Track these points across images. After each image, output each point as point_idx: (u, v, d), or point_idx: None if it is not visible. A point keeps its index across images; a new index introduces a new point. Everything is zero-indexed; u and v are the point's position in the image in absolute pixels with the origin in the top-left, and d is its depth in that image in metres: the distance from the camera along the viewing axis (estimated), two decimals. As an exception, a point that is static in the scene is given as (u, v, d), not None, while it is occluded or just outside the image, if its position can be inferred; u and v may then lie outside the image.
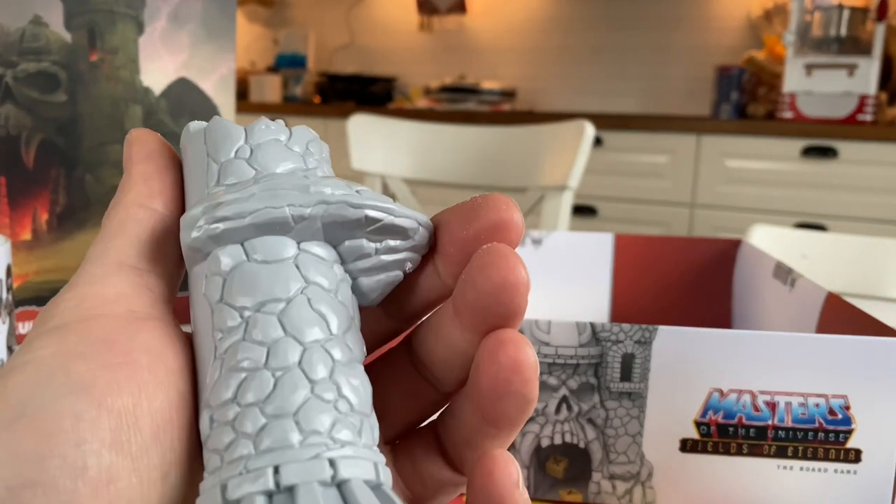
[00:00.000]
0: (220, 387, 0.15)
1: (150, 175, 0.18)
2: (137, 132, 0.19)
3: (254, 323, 0.15)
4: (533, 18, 2.51)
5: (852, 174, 1.79)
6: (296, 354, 0.15)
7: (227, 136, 0.18)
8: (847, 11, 1.86)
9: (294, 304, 0.16)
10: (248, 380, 0.15)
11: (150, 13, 0.50)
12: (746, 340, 0.30)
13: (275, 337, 0.15)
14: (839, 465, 0.31)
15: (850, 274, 0.79)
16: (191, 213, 0.17)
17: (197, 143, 0.18)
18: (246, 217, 0.16)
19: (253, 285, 0.16)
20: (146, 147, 0.19)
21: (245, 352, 0.15)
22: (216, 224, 0.16)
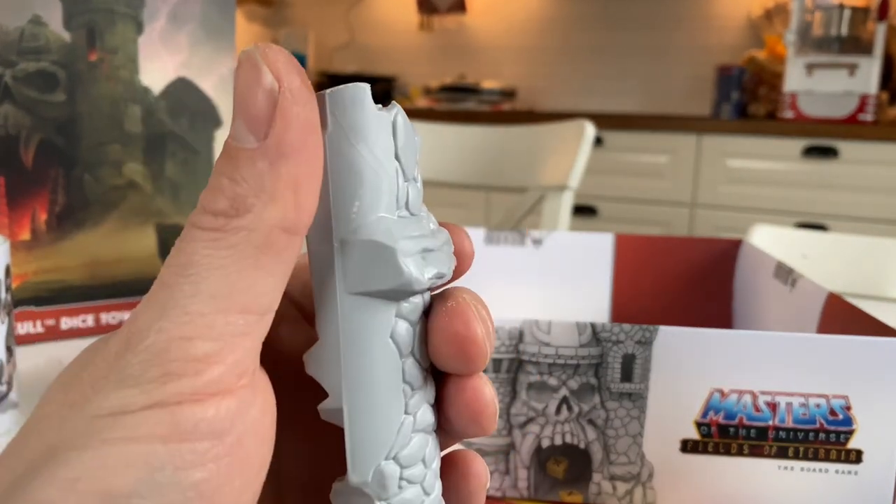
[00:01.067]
0: (414, 448, 0.16)
1: (302, 179, 0.14)
2: (286, 70, 0.14)
3: (429, 385, 0.16)
4: (533, 18, 2.51)
5: (853, 174, 1.79)
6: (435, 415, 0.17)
7: (415, 148, 0.16)
8: (848, 11, 1.86)
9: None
10: (430, 443, 0.16)
11: (149, 13, 0.50)
12: (747, 341, 0.30)
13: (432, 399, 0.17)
14: (840, 465, 0.30)
15: (850, 274, 0.79)
16: (414, 254, 0.15)
17: (381, 134, 0.15)
18: (445, 277, 0.16)
19: (425, 347, 0.16)
20: (301, 120, 0.14)
21: (429, 415, 0.16)
22: (437, 279, 0.16)
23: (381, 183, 0.15)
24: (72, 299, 0.50)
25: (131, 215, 0.51)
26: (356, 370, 0.15)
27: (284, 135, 0.14)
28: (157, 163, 0.52)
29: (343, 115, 0.15)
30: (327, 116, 0.15)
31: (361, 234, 0.15)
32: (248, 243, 0.14)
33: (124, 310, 0.52)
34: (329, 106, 0.15)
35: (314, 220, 0.15)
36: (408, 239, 0.15)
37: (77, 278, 0.50)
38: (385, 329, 0.15)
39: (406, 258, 0.15)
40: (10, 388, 0.37)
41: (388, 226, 0.15)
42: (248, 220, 0.14)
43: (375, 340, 0.15)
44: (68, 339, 0.50)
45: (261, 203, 0.14)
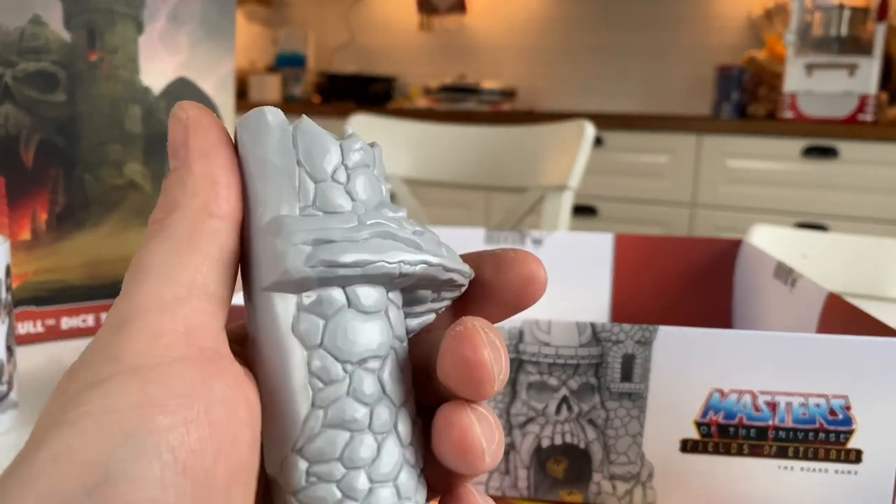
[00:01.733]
0: (323, 442, 0.15)
1: (217, 175, 0.16)
2: (192, 109, 0.17)
3: (359, 380, 0.16)
4: (533, 18, 2.51)
5: (853, 174, 1.79)
6: (392, 417, 0.16)
7: (325, 151, 0.17)
8: (848, 11, 1.86)
9: (388, 362, 0.16)
10: (354, 441, 0.16)
11: (149, 13, 0.50)
12: (747, 341, 0.30)
13: (376, 398, 0.16)
14: (840, 465, 0.30)
15: (850, 274, 0.79)
16: (298, 244, 0.15)
17: (282, 143, 0.16)
18: (361, 267, 0.16)
19: (355, 338, 0.16)
20: (208, 136, 0.17)
21: (352, 411, 0.16)
22: (331, 268, 0.15)
23: (281, 186, 0.16)
24: (72, 299, 0.50)
25: (131, 215, 0.51)
26: (262, 363, 0.16)
27: (194, 145, 0.16)
28: (158, 163, 0.52)
29: (245, 132, 0.17)
30: (237, 136, 0.17)
31: (259, 225, 0.16)
32: (180, 228, 0.16)
33: (124, 310, 0.52)
34: (238, 128, 0.17)
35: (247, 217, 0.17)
36: (295, 232, 0.16)
37: (77, 278, 0.50)
38: (285, 321, 0.16)
39: (286, 249, 0.15)
40: (11, 388, 0.37)
41: (279, 223, 0.16)
42: (178, 213, 0.16)
43: (277, 333, 0.16)
44: (69, 338, 0.50)
45: (186, 197, 0.16)
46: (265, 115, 0.17)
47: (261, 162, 0.16)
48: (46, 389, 0.42)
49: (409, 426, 0.17)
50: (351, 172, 0.17)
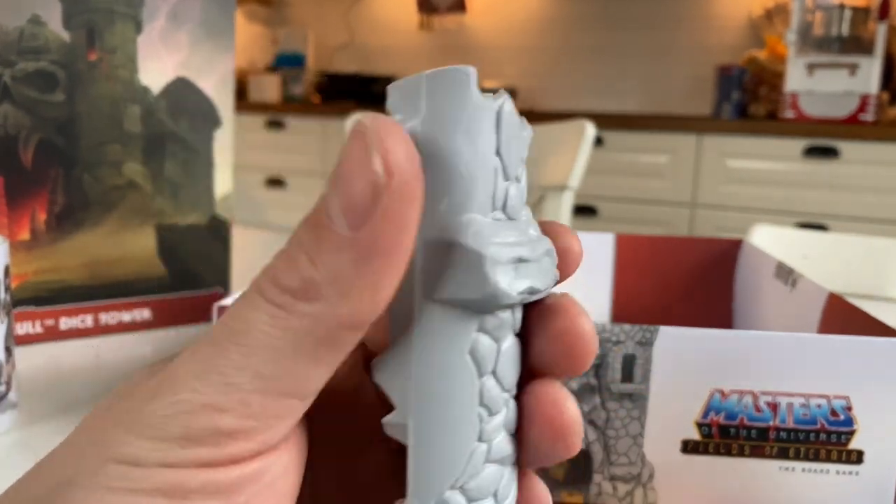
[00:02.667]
0: (484, 479, 0.14)
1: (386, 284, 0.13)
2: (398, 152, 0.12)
3: (511, 411, 0.15)
4: (533, 18, 2.51)
5: (854, 174, 1.79)
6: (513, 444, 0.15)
7: (521, 143, 0.14)
8: (848, 11, 1.86)
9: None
10: (504, 476, 0.15)
11: (148, 12, 0.50)
12: (748, 341, 0.30)
13: (513, 426, 0.15)
14: (841, 466, 0.30)
15: (851, 274, 0.78)
16: (505, 264, 0.13)
17: (487, 125, 0.13)
18: (542, 293, 0.14)
19: (515, 365, 0.15)
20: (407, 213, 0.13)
21: (507, 445, 0.15)
22: (529, 294, 0.14)
23: (475, 180, 0.13)
24: (71, 299, 0.50)
25: (131, 215, 0.51)
26: (428, 385, 0.14)
27: (381, 235, 0.13)
28: (157, 163, 0.52)
29: (441, 102, 0.13)
30: (422, 101, 0.13)
31: (447, 235, 0.13)
32: (310, 333, 0.13)
33: (123, 310, 0.52)
34: (426, 90, 0.13)
35: None
36: (500, 245, 0.13)
37: (76, 278, 0.50)
38: (464, 343, 0.14)
39: (495, 267, 0.13)
40: (10, 389, 0.37)
41: (479, 228, 0.13)
42: (317, 308, 0.13)
43: (452, 355, 0.14)
44: (68, 339, 0.50)
45: (334, 295, 0.13)
46: (466, 81, 0.13)
47: (452, 145, 0.13)
48: (45, 390, 0.42)
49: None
50: (523, 170, 0.15)
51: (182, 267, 0.53)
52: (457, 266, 0.13)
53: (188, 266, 0.54)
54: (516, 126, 0.14)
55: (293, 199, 2.47)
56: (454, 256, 0.13)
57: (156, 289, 0.53)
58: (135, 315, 0.52)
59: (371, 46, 2.76)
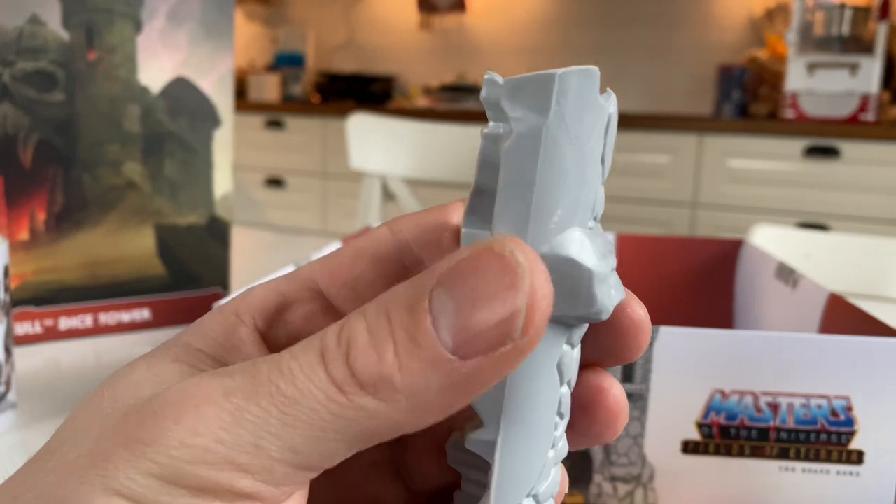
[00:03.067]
0: (550, 483, 0.15)
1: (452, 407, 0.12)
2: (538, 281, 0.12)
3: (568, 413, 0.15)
4: (533, 17, 2.51)
5: (854, 174, 1.78)
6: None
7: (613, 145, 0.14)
8: (849, 10, 1.86)
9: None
10: (556, 475, 0.15)
11: (148, 12, 0.50)
12: (748, 341, 0.30)
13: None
14: (841, 466, 0.30)
15: (852, 274, 0.78)
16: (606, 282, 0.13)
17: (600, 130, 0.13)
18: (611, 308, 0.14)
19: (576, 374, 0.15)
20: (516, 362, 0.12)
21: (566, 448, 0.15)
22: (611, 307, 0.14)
23: (583, 189, 0.13)
24: (70, 299, 0.50)
25: (130, 215, 0.51)
26: (519, 400, 0.14)
27: (483, 374, 0.12)
28: (156, 162, 0.52)
29: (567, 104, 0.12)
30: (551, 101, 0.12)
31: (558, 249, 0.13)
32: (359, 426, 0.12)
33: (123, 310, 0.52)
34: (557, 91, 0.12)
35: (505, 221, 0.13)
36: (600, 260, 0.13)
37: (76, 278, 0.50)
38: (554, 356, 0.14)
39: (600, 285, 0.13)
40: (9, 389, 0.37)
41: (584, 242, 0.13)
42: (375, 408, 0.12)
43: (544, 368, 0.13)
44: (67, 339, 0.50)
45: (404, 406, 0.12)
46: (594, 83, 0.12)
47: (572, 151, 0.13)
48: (45, 390, 0.41)
49: None
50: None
51: (181, 267, 0.53)
52: (564, 282, 0.13)
53: (187, 266, 0.54)
54: (615, 127, 0.13)
55: (293, 198, 2.47)
56: (562, 271, 0.13)
57: (155, 289, 0.52)
58: (134, 315, 0.52)
59: (371, 46, 2.75)
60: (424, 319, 0.12)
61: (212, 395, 0.12)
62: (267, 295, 0.17)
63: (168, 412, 0.12)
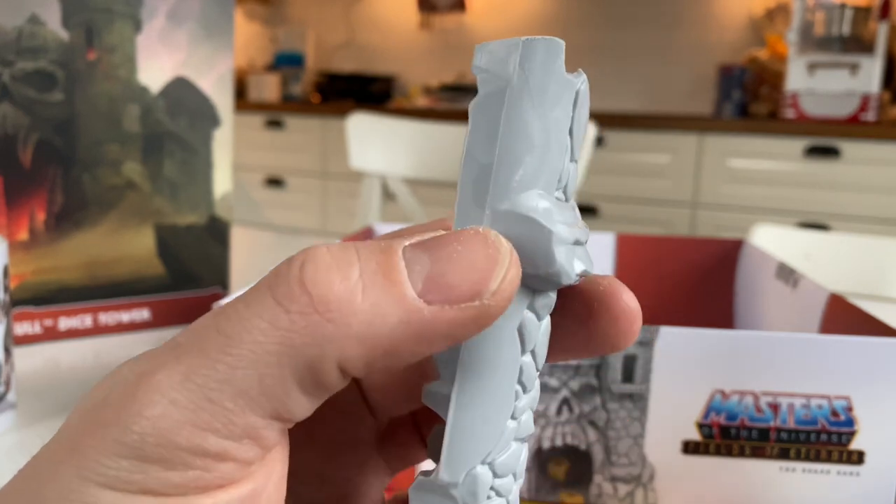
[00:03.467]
0: (511, 456, 0.15)
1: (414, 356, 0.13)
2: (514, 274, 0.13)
3: (537, 390, 0.15)
4: (533, 17, 2.51)
5: (855, 174, 1.78)
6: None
7: (587, 121, 0.14)
8: (850, 10, 1.86)
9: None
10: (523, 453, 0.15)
11: (147, 12, 0.50)
12: (749, 341, 0.30)
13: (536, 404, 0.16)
14: (842, 466, 0.30)
15: (853, 274, 0.78)
16: (570, 245, 0.13)
17: (568, 102, 0.13)
18: (579, 280, 0.14)
19: (544, 350, 0.15)
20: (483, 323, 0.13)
21: (531, 423, 0.15)
22: (577, 276, 0.14)
23: (549, 155, 0.13)
24: (70, 299, 0.50)
25: (129, 215, 0.51)
26: (475, 356, 0.14)
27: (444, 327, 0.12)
28: (156, 162, 0.51)
29: (532, 70, 0.13)
30: (514, 68, 0.13)
31: (518, 207, 0.13)
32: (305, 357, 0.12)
33: (122, 310, 0.52)
34: (521, 56, 0.13)
35: (468, 178, 0.13)
36: (564, 225, 0.13)
37: (75, 278, 0.50)
38: (515, 318, 0.14)
39: (560, 246, 0.13)
40: (9, 389, 0.36)
41: (547, 205, 0.13)
42: (328, 331, 0.12)
43: (503, 330, 0.14)
44: (66, 339, 0.50)
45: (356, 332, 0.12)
46: (558, 53, 0.13)
47: (535, 116, 0.13)
48: (44, 390, 0.41)
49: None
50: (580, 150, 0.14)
51: (181, 267, 0.53)
52: (524, 240, 0.13)
53: (187, 266, 0.53)
54: (587, 107, 0.14)
55: (292, 198, 2.47)
56: (522, 230, 0.13)
57: (155, 289, 0.52)
58: (134, 315, 0.52)
59: (371, 46, 2.75)
60: (397, 258, 0.12)
61: (165, 362, 0.12)
62: None
63: (127, 389, 0.12)
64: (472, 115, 0.14)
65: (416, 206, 1.22)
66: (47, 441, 0.13)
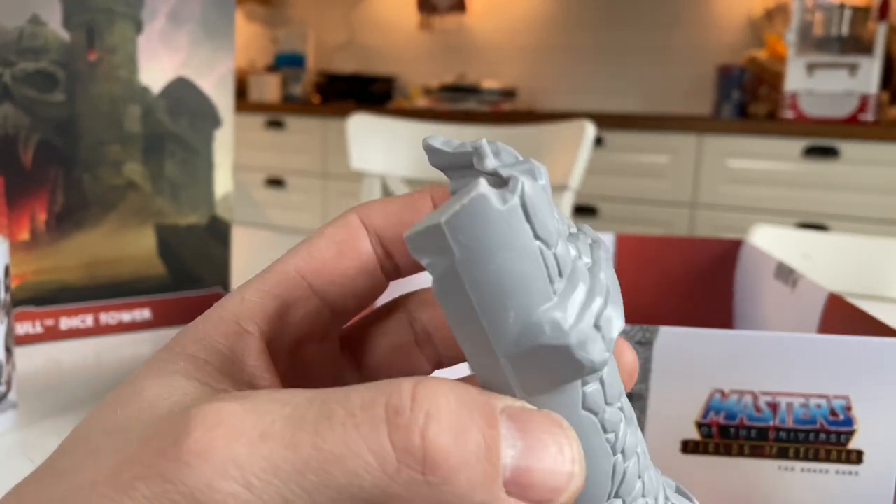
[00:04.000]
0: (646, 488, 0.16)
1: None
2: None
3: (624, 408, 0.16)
4: (533, 17, 2.51)
5: (854, 174, 1.79)
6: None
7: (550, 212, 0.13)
8: (848, 11, 1.86)
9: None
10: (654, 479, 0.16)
11: (148, 12, 0.50)
12: (748, 341, 0.30)
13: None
14: (840, 466, 0.30)
15: (851, 274, 0.78)
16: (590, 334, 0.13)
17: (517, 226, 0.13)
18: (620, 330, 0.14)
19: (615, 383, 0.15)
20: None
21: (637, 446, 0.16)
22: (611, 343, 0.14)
23: (529, 280, 0.13)
24: (71, 299, 0.50)
25: (130, 215, 0.51)
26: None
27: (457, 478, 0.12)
28: (157, 163, 0.52)
29: (467, 238, 0.13)
30: (450, 244, 0.13)
31: (526, 342, 0.13)
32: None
33: (123, 310, 0.52)
34: (449, 236, 0.13)
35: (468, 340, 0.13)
36: (577, 315, 0.13)
37: (76, 278, 0.50)
38: (575, 405, 0.14)
39: (583, 346, 0.13)
40: (10, 389, 0.37)
41: (552, 318, 0.13)
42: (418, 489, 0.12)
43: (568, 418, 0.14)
44: (67, 339, 0.50)
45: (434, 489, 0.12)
46: (483, 207, 0.12)
47: (493, 269, 0.13)
48: (45, 390, 0.41)
49: None
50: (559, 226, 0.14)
51: (182, 267, 0.53)
52: (548, 364, 0.13)
53: (188, 266, 0.54)
54: (541, 200, 0.13)
55: (293, 198, 2.47)
56: (543, 358, 0.13)
57: (155, 289, 0.53)
58: (135, 315, 0.52)
59: (371, 46, 2.75)
60: (499, 436, 0.12)
61: (245, 432, 0.11)
62: (265, 300, 0.16)
63: (192, 444, 0.11)
64: (441, 301, 0.13)
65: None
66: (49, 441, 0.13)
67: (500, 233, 0.12)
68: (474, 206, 0.12)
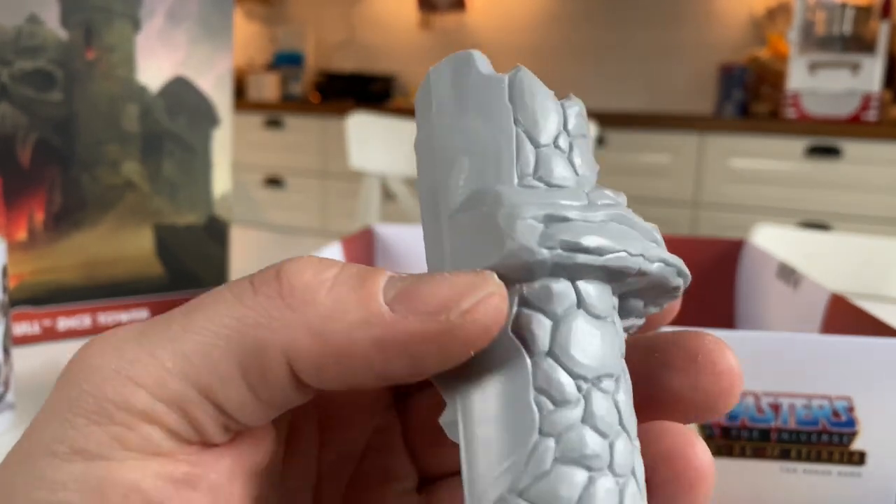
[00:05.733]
0: (555, 483, 0.12)
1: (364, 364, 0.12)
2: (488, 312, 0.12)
3: (596, 404, 0.12)
4: (533, 16, 2.50)
5: (856, 173, 1.78)
6: (631, 458, 0.13)
7: (548, 112, 0.13)
8: (851, 9, 1.85)
9: (621, 384, 0.13)
10: (594, 485, 0.12)
11: (146, 11, 0.50)
12: (750, 341, 0.30)
13: (615, 430, 0.13)
14: (843, 467, 0.30)
15: (854, 274, 0.78)
16: (528, 219, 0.12)
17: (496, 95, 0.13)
18: (602, 256, 0.12)
19: (590, 348, 0.12)
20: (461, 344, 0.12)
21: (592, 444, 0.12)
22: (571, 252, 0.12)
23: (493, 155, 0.13)
24: (69, 299, 0.50)
25: (128, 215, 0.51)
26: (472, 371, 0.12)
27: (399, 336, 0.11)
28: (155, 162, 0.51)
29: (445, 89, 0.13)
30: (431, 95, 0.13)
31: (468, 207, 0.13)
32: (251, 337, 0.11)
33: (121, 310, 0.51)
34: (431, 83, 0.13)
35: (425, 207, 0.13)
36: (529, 205, 0.12)
37: (74, 278, 0.50)
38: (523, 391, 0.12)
39: (514, 221, 0.12)
40: (7, 390, 0.36)
41: (499, 194, 0.12)
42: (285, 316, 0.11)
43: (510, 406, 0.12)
44: (65, 339, 0.50)
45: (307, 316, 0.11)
46: (473, 59, 0.13)
47: (461, 125, 0.13)
48: (43, 391, 0.41)
49: (643, 468, 0.13)
50: (573, 140, 0.14)
51: (180, 267, 0.53)
52: (477, 234, 0.12)
53: (186, 266, 0.53)
54: (539, 93, 0.13)
55: (292, 198, 2.47)
56: (474, 225, 0.13)
57: (154, 289, 0.52)
58: (133, 315, 0.52)
59: (371, 45, 2.75)
60: (380, 274, 0.12)
61: (128, 328, 0.12)
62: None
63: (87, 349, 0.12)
64: (416, 152, 0.14)
65: (415, 206, 1.21)
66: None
67: (478, 97, 0.13)
68: (457, 62, 0.13)
